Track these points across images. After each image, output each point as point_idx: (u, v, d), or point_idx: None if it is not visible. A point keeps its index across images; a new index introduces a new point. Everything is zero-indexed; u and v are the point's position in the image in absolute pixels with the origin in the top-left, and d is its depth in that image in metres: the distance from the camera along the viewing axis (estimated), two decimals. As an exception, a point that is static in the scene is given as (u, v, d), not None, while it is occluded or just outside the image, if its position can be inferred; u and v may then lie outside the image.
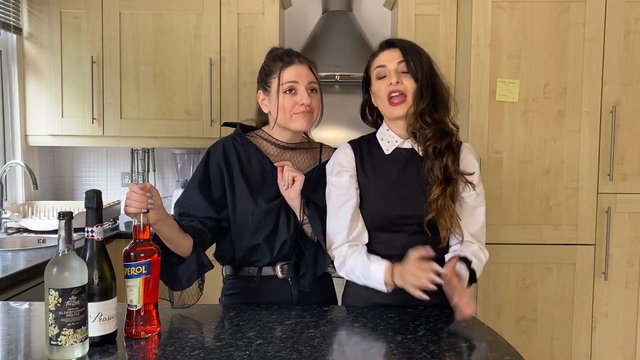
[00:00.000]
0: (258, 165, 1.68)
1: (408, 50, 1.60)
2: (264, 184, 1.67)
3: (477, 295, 2.76)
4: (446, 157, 1.57)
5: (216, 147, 1.69)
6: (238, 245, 1.67)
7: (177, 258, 1.57)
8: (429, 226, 1.56)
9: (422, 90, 1.58)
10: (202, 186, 1.65)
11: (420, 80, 1.58)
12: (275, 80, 1.67)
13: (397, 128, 1.65)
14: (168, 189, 3.47)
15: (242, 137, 1.71)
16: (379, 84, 1.62)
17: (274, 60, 1.70)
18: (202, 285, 1.64)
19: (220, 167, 1.66)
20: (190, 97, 3.14)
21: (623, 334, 2.80)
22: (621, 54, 2.72)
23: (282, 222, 1.66)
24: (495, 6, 2.71)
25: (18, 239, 2.79)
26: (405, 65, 1.59)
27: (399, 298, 1.56)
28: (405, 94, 1.58)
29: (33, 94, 3.15)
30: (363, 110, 1.75)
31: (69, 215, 1.22)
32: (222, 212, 1.65)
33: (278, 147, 1.72)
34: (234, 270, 1.73)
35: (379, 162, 1.65)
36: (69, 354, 1.20)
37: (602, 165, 2.74)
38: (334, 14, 3.28)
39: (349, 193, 1.61)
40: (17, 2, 3.07)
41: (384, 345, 1.32)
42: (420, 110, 1.57)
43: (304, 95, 1.64)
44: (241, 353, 1.25)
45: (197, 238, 1.59)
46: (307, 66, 1.68)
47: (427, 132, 1.57)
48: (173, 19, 3.11)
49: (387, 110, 1.62)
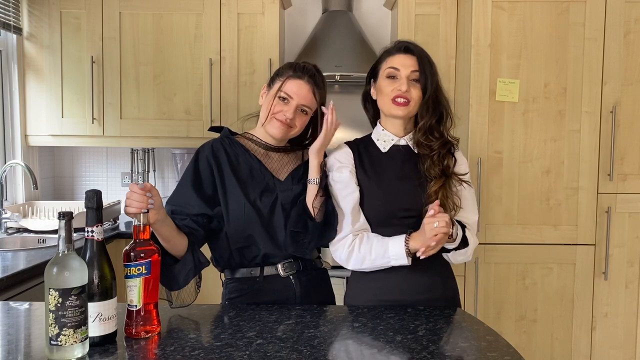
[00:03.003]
0: (246, 163, 1.72)
1: (424, 62, 1.65)
2: (253, 179, 1.70)
3: (477, 295, 2.76)
4: (447, 160, 1.65)
5: (205, 147, 1.73)
6: (233, 239, 1.68)
7: (171, 259, 1.57)
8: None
9: (429, 105, 1.64)
10: (194, 183, 1.67)
11: (428, 94, 1.64)
12: (278, 84, 1.72)
13: (393, 127, 1.70)
14: (168, 189, 3.47)
15: (229, 138, 1.76)
16: (386, 83, 1.66)
17: (290, 68, 1.74)
18: (199, 283, 1.64)
19: (210, 164, 1.69)
20: (190, 97, 3.14)
21: (623, 334, 2.80)
22: (621, 54, 2.72)
23: (276, 213, 1.68)
24: (495, 6, 2.71)
25: (18, 239, 2.79)
26: (419, 75, 1.64)
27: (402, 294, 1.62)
28: (409, 100, 1.64)
29: (33, 94, 3.15)
30: (364, 99, 1.80)
31: (69, 215, 1.22)
32: (215, 209, 1.68)
33: (263, 148, 1.76)
34: (233, 273, 1.73)
35: (377, 159, 1.70)
36: (69, 354, 1.20)
37: (602, 165, 2.74)
38: (334, 14, 3.28)
39: (351, 187, 1.66)
40: (17, 2, 3.07)
41: (384, 345, 1.32)
42: (429, 125, 1.64)
43: (290, 110, 1.69)
44: (241, 353, 1.25)
45: (191, 237, 1.61)
46: (310, 89, 1.71)
47: (434, 145, 1.64)
48: (173, 19, 3.11)
49: (388, 108, 1.66)
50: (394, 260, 1.58)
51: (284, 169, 1.76)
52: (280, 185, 1.72)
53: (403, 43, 1.70)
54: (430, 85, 1.63)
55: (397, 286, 1.63)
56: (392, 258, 1.58)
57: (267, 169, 1.73)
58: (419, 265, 1.60)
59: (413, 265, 1.59)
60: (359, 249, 1.62)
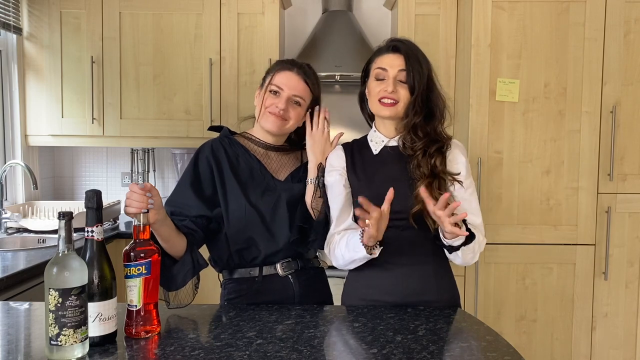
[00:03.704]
0: (246, 163, 1.72)
1: (411, 60, 1.61)
2: (253, 180, 1.70)
3: (477, 295, 2.76)
4: (435, 158, 1.60)
5: (204, 147, 1.72)
6: (233, 240, 1.67)
7: (170, 259, 1.57)
8: (415, 219, 1.58)
9: (416, 104, 1.61)
10: (193, 184, 1.67)
11: (415, 94, 1.61)
12: (268, 78, 1.74)
13: (384, 128, 1.69)
14: (168, 189, 3.47)
15: (229, 137, 1.76)
16: (374, 84, 1.64)
17: (278, 63, 1.77)
18: (197, 284, 1.64)
19: (210, 165, 1.68)
20: (190, 97, 3.14)
21: (623, 334, 2.80)
22: (621, 54, 2.72)
23: (280, 212, 1.68)
24: (495, 6, 2.71)
25: (18, 239, 2.79)
26: (405, 75, 1.61)
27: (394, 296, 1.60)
28: (397, 101, 1.61)
29: (33, 94, 3.15)
30: (360, 99, 1.78)
31: (69, 215, 1.22)
32: (214, 210, 1.67)
33: (262, 147, 1.76)
34: (231, 274, 1.73)
35: (368, 162, 1.69)
36: (69, 354, 1.20)
37: (602, 165, 2.74)
38: (334, 14, 3.28)
39: (337, 189, 1.66)
40: (17, 2, 3.07)
41: (384, 345, 1.32)
42: (412, 124, 1.62)
43: (281, 101, 1.69)
44: (241, 353, 1.25)
45: (190, 237, 1.61)
46: (302, 80, 1.72)
47: (417, 145, 1.61)
48: (173, 19, 3.11)
49: (376, 109, 1.65)
50: (358, 251, 1.52)
51: (283, 170, 1.76)
52: (280, 185, 1.72)
53: (392, 42, 1.66)
54: (417, 85, 1.60)
55: (389, 288, 1.61)
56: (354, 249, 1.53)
57: (267, 170, 1.73)
58: (412, 268, 1.60)
59: (405, 268, 1.59)
60: (337, 246, 1.60)
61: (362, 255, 1.53)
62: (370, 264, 1.60)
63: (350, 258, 1.57)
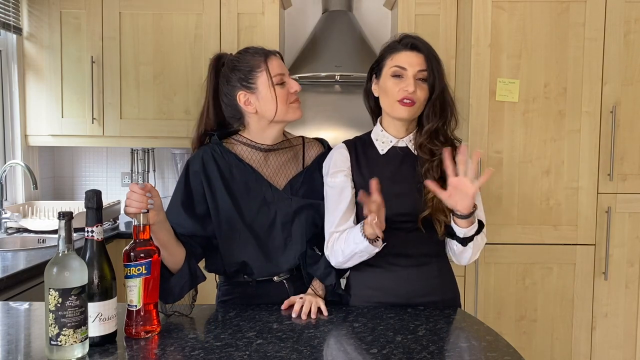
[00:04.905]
0: (240, 175, 1.64)
1: (432, 60, 1.56)
2: (248, 194, 1.64)
3: (477, 295, 2.76)
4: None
5: (194, 160, 1.64)
6: (227, 261, 1.65)
7: (167, 271, 1.53)
8: (424, 223, 1.56)
9: (437, 106, 1.57)
10: (185, 204, 1.60)
11: (435, 95, 1.56)
12: (262, 75, 1.62)
13: (394, 127, 1.64)
14: (168, 189, 3.47)
15: (220, 146, 1.66)
16: (392, 83, 1.57)
17: (254, 56, 1.65)
18: (195, 297, 1.59)
19: (201, 180, 1.62)
20: (190, 97, 3.13)
21: (623, 334, 2.80)
22: (621, 54, 2.72)
23: (275, 232, 1.64)
24: (495, 6, 2.71)
25: (18, 239, 2.79)
26: (426, 75, 1.56)
27: (399, 297, 1.59)
28: (415, 102, 1.56)
29: (33, 94, 3.15)
30: (366, 96, 1.72)
31: (69, 215, 1.22)
32: (208, 228, 1.62)
33: (260, 151, 1.68)
34: (227, 277, 1.71)
35: (374, 161, 1.64)
36: (69, 354, 1.20)
37: (602, 165, 2.74)
38: (334, 14, 3.28)
39: (345, 192, 1.61)
40: (17, 2, 3.07)
41: (384, 345, 1.32)
42: (435, 127, 1.57)
43: (294, 83, 1.64)
44: (241, 353, 1.25)
45: (188, 248, 1.57)
46: (280, 57, 1.69)
47: (436, 150, 1.57)
48: (173, 19, 3.11)
49: (393, 109, 1.59)
50: (358, 244, 1.50)
51: (282, 175, 1.69)
52: (278, 195, 1.65)
53: (409, 39, 1.59)
54: (438, 85, 1.56)
55: (393, 290, 1.60)
56: (354, 243, 1.51)
57: (264, 178, 1.66)
58: (416, 269, 1.59)
59: (410, 269, 1.58)
60: (337, 242, 1.57)
61: (363, 246, 1.49)
62: (373, 265, 1.59)
63: (351, 252, 1.53)
